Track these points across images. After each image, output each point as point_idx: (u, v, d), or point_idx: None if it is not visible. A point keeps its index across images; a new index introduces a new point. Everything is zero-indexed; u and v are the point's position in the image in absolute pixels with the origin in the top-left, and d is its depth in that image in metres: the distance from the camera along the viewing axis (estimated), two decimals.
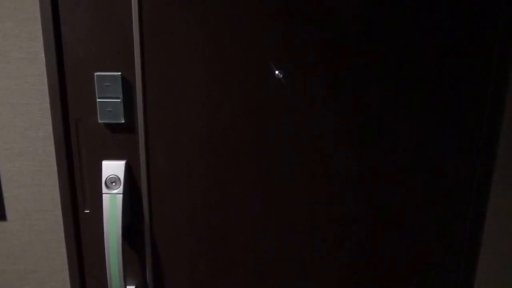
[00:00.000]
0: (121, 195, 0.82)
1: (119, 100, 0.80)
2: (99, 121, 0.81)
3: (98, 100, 0.80)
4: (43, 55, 0.80)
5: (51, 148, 0.85)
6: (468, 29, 0.76)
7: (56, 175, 0.86)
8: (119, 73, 0.79)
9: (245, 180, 0.85)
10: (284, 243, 0.88)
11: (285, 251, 0.88)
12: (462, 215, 0.86)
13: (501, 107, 0.80)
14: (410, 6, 0.75)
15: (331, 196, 0.85)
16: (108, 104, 0.80)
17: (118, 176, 0.83)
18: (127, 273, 0.89)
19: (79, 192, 0.86)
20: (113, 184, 0.82)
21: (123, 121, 0.82)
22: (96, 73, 0.79)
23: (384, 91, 0.79)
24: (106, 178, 0.82)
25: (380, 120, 0.81)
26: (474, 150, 0.82)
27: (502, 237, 0.87)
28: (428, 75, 0.79)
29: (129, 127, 0.82)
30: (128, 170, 0.84)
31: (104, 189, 0.82)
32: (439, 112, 0.80)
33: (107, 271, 0.83)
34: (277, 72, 0.79)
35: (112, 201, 0.82)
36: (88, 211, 0.87)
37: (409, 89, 0.79)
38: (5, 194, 0.89)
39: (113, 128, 0.83)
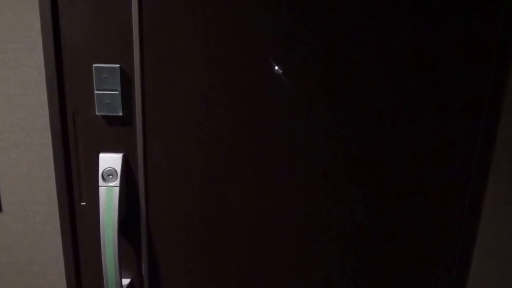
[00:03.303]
0: (118, 188, 0.81)
1: (117, 92, 0.80)
2: (97, 113, 0.81)
3: (96, 92, 0.80)
4: (41, 45, 0.79)
5: (48, 140, 0.85)
6: (467, 29, 0.76)
7: (52, 167, 0.86)
8: (118, 65, 0.79)
9: (243, 175, 0.85)
10: (280, 239, 0.88)
11: (281, 247, 0.88)
12: (458, 215, 0.86)
13: (499, 107, 0.80)
14: (410, 5, 0.75)
15: (329, 194, 0.85)
16: (106, 96, 0.80)
17: (115, 169, 0.82)
18: (123, 266, 0.89)
19: (75, 184, 0.86)
20: (110, 177, 0.82)
21: (121, 114, 0.81)
22: (94, 65, 0.79)
23: (384, 90, 0.80)
24: (103, 171, 0.82)
25: (379, 119, 0.81)
26: (471, 150, 0.83)
27: (497, 237, 0.87)
28: (427, 74, 0.79)
29: (127, 120, 0.82)
30: (125, 163, 0.84)
31: (100, 182, 0.82)
32: (437, 112, 0.80)
33: (103, 264, 0.83)
34: (276, 68, 0.79)
35: (108, 194, 0.81)
36: (84, 203, 0.86)
37: (408, 88, 0.79)
38: (1, 185, 0.88)
39: (110, 120, 0.82)
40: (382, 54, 0.78)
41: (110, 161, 0.83)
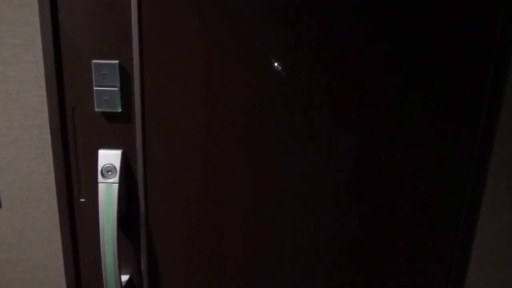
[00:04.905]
0: (117, 185, 0.81)
1: (116, 88, 0.80)
2: (96, 109, 0.81)
3: (95, 88, 0.80)
4: (40, 41, 0.79)
5: (47, 136, 0.85)
6: (467, 29, 0.76)
7: (51, 163, 0.85)
8: (117, 61, 0.79)
9: (242, 172, 0.85)
10: (278, 236, 0.88)
11: (279, 243, 0.89)
12: (456, 214, 0.86)
13: (498, 107, 0.80)
14: (410, 4, 0.75)
15: (327, 192, 0.85)
16: (105, 92, 0.80)
17: (114, 165, 0.82)
18: (122, 262, 0.89)
19: (74, 180, 0.86)
20: (109, 173, 0.82)
21: (120, 110, 0.81)
22: (93, 61, 0.78)
23: (383, 89, 0.80)
24: (102, 167, 0.82)
25: (378, 118, 0.81)
26: (470, 150, 0.83)
27: (495, 237, 0.87)
28: (427, 74, 0.79)
29: (126, 116, 0.82)
30: (125, 159, 0.84)
31: (100, 178, 0.82)
32: (436, 111, 0.80)
33: (102, 260, 0.83)
34: (276, 64, 0.79)
35: (107, 190, 0.81)
36: (83, 199, 0.86)
37: (408, 87, 0.79)
38: (0, 181, 0.88)
39: (110, 117, 0.82)
40: (381, 53, 0.78)
41: (109, 157, 0.83)
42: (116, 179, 0.82)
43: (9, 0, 0.78)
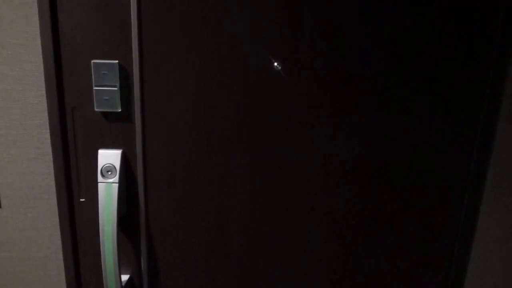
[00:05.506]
0: (117, 184, 0.81)
1: (116, 88, 0.80)
2: (96, 109, 0.81)
3: (94, 88, 0.80)
4: (39, 41, 0.79)
5: (47, 136, 0.85)
6: (467, 29, 0.76)
7: (51, 163, 0.85)
8: (117, 61, 0.79)
9: (242, 172, 0.85)
10: (278, 236, 0.88)
11: (279, 243, 0.89)
12: (456, 214, 0.86)
13: (498, 107, 0.80)
14: (410, 5, 0.75)
15: (326, 192, 0.85)
16: (105, 92, 0.80)
17: (114, 165, 0.82)
18: (122, 262, 0.89)
19: (74, 180, 0.86)
20: (109, 173, 0.82)
21: (120, 110, 0.81)
22: (93, 61, 0.78)
23: (383, 89, 0.79)
24: (102, 167, 0.82)
25: (378, 118, 0.81)
26: (469, 150, 0.83)
27: (495, 237, 0.87)
28: (426, 74, 0.79)
29: (126, 116, 0.82)
30: (124, 159, 0.84)
31: (99, 178, 0.82)
32: (436, 112, 0.80)
33: (102, 260, 0.83)
34: (276, 64, 0.79)
35: (107, 190, 0.81)
36: (83, 199, 0.86)
37: (407, 87, 0.79)
38: (0, 181, 0.88)
39: (109, 116, 0.82)
40: (381, 53, 0.78)
41: (109, 157, 0.83)
42: (116, 179, 0.82)
43: None
